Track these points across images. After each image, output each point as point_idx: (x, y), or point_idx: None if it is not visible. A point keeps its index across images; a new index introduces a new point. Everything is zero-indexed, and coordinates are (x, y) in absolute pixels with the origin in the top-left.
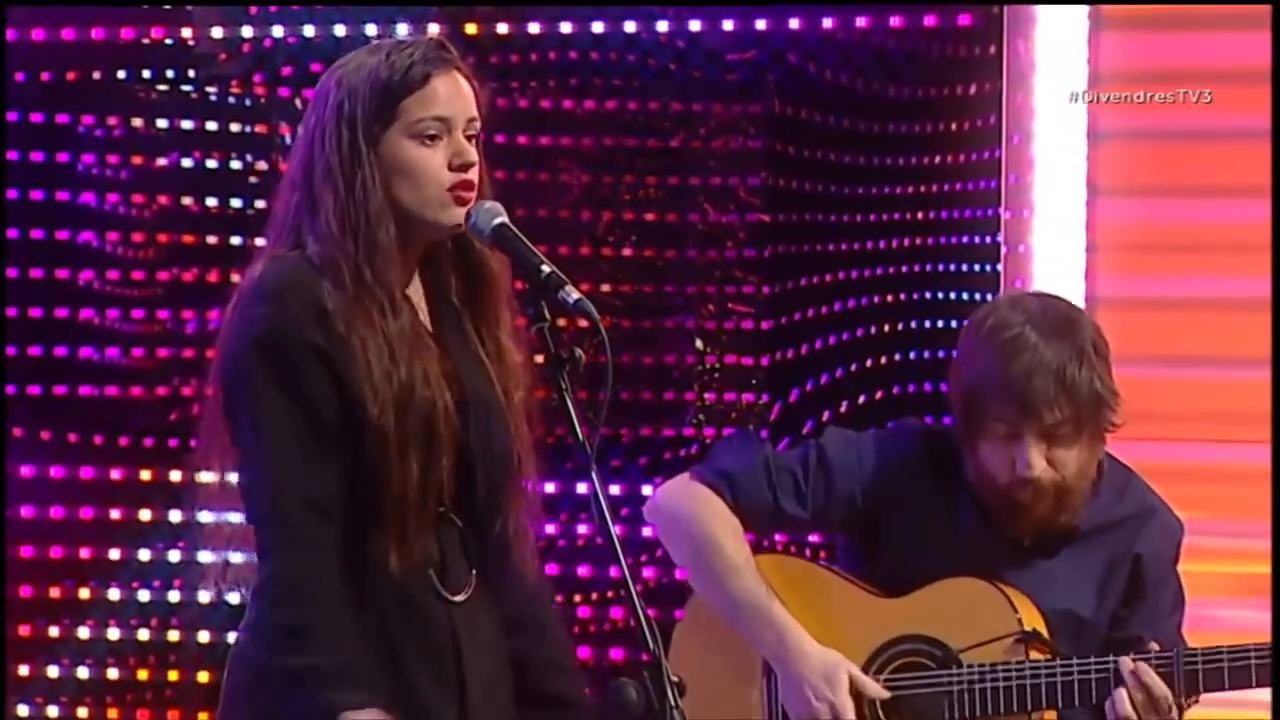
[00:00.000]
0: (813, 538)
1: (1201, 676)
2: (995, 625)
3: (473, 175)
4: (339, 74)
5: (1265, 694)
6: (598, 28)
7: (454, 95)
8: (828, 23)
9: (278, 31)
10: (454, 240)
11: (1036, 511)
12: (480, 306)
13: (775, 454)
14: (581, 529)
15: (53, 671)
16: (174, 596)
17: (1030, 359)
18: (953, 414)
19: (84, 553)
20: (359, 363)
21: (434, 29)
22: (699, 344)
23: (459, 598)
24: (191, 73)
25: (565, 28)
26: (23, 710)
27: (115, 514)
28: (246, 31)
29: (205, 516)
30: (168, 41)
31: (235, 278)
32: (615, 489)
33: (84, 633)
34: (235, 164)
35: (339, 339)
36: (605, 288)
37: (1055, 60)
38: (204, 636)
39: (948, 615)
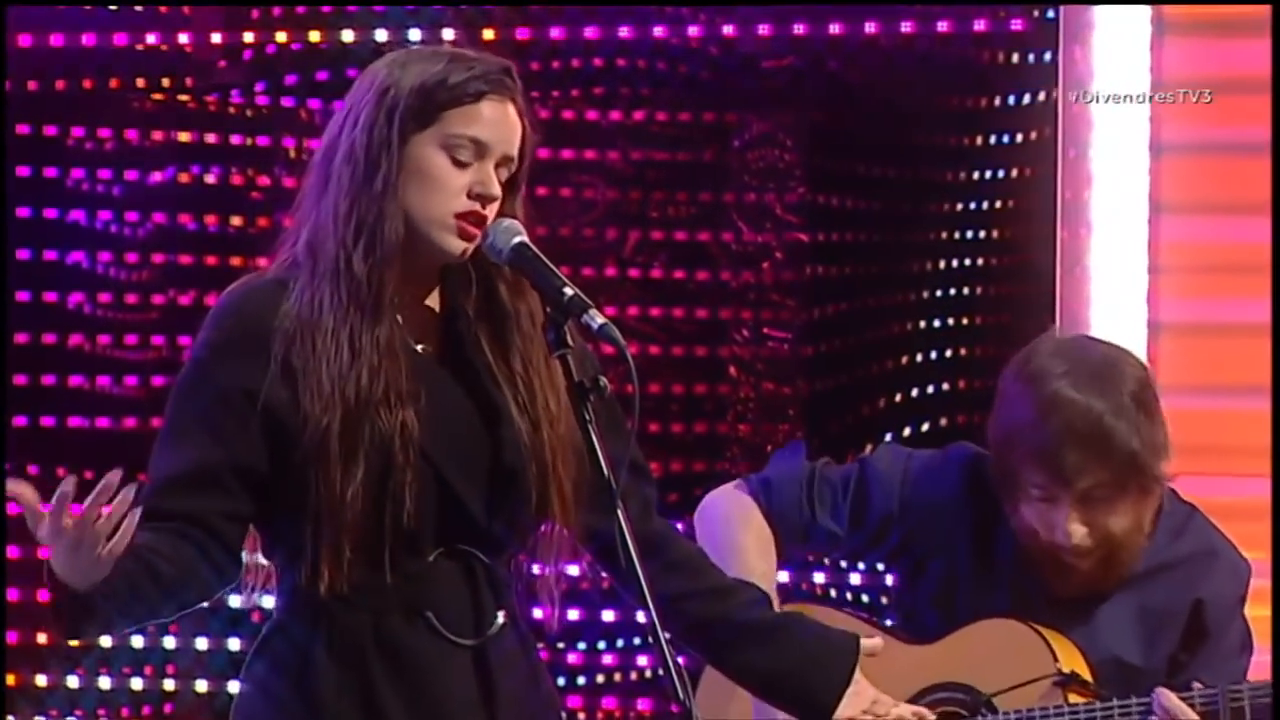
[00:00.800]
0: (854, 579)
1: (1249, 713)
2: (1031, 668)
3: (489, 211)
4: (392, 64)
5: None
6: (624, 33)
7: (499, 123)
8: (870, 28)
9: (281, 37)
10: (474, 260)
11: (1082, 570)
12: (505, 335)
13: (824, 467)
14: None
15: None
16: (170, 643)
17: (1064, 421)
18: (991, 462)
19: None
20: (309, 374)
21: (449, 35)
22: (733, 372)
23: (470, 640)
24: (189, 81)
25: (589, 33)
26: None
27: None
28: (248, 37)
29: None
30: (163, 48)
31: None
32: None
33: (73, 681)
34: (236, 179)
35: (280, 364)
36: (632, 311)
37: (1115, 67)
38: (201, 685)
39: (982, 660)
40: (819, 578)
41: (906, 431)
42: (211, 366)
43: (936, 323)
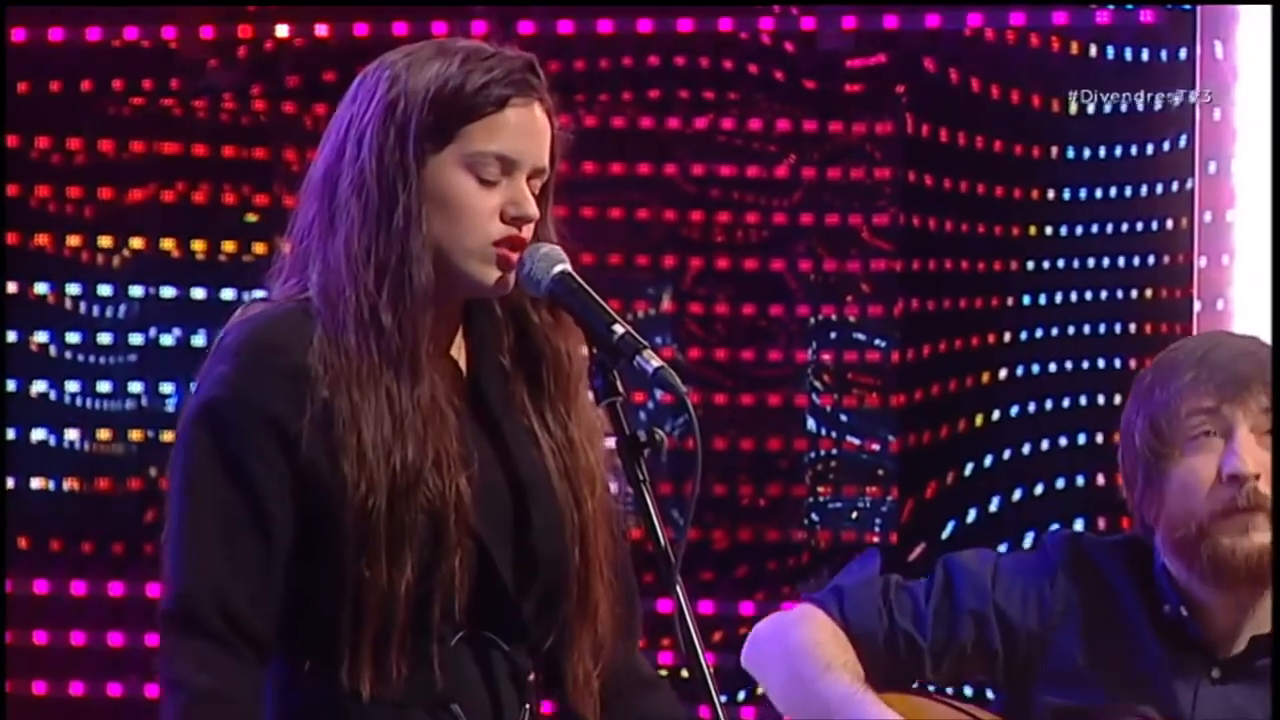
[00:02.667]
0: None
1: None
2: None
3: (527, 232)
4: (396, 67)
5: None
6: (684, 26)
7: (528, 133)
8: (974, 20)
9: (282, 31)
10: (503, 298)
11: (1253, 540)
12: (540, 381)
13: (900, 579)
14: (664, 659)
15: None
16: None
17: (1229, 348)
18: (1133, 466)
19: (38, 688)
20: (346, 432)
21: (479, 29)
22: (811, 425)
23: None
24: (174, 83)
25: (643, 26)
26: None
27: (78, 639)
28: (243, 31)
29: None
30: (144, 44)
31: None
32: (707, 607)
33: None
34: (229, 198)
35: (318, 407)
36: (694, 354)
37: (1261, 68)
38: None
39: None
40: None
41: (1017, 495)
42: (231, 408)
43: (1053, 367)
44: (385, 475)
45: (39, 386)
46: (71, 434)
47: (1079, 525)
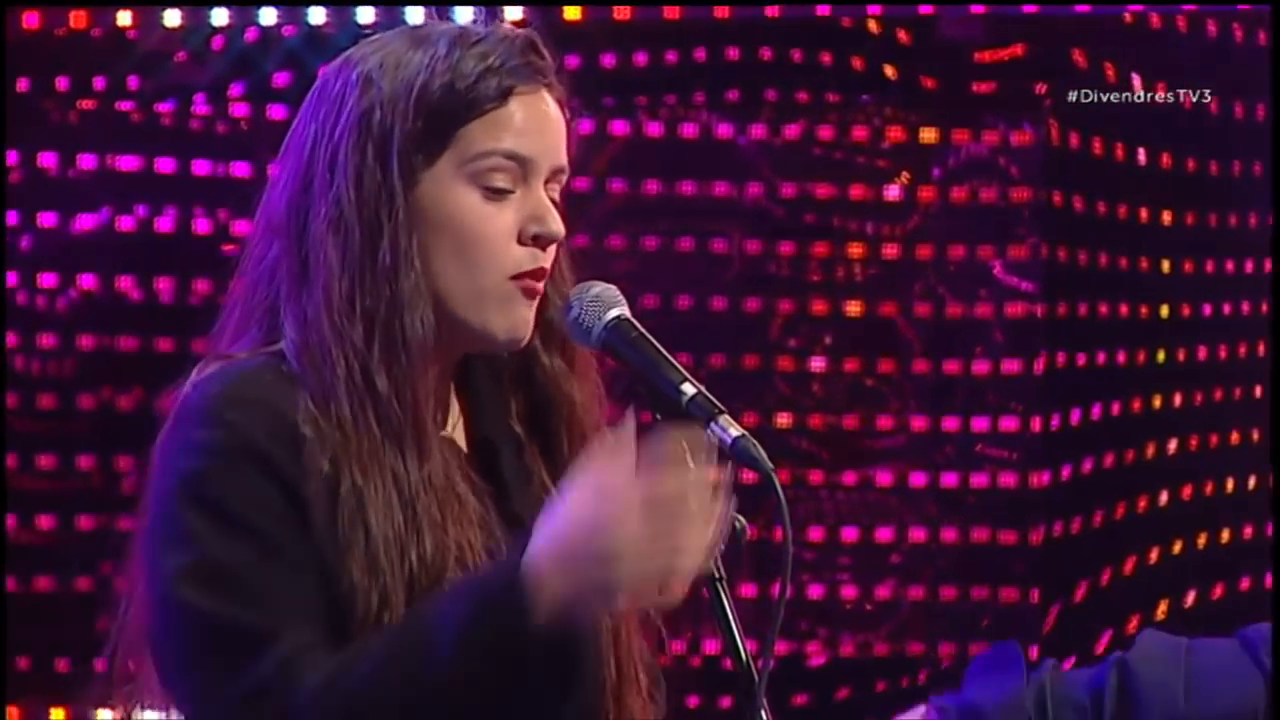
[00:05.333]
0: None
1: None
2: None
3: (549, 258)
4: (367, 66)
5: None
6: (772, 11)
7: (540, 127)
8: (1135, 3)
9: (268, 17)
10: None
11: None
12: (556, 445)
13: (1056, 676)
14: None
15: None
16: None
17: None
18: None
19: None
20: (351, 527)
21: (514, 14)
22: (933, 510)
23: None
24: (132, 82)
25: (720, 10)
26: None
27: None
28: (218, 17)
29: None
30: (95, 33)
31: None
32: None
33: None
34: (201, 225)
35: (320, 479)
36: (783, 419)
37: None
38: None
39: None
40: None
41: (1191, 598)
42: (229, 473)
43: (1235, 438)
44: (401, 579)
45: None
46: (9, 520)
47: None
